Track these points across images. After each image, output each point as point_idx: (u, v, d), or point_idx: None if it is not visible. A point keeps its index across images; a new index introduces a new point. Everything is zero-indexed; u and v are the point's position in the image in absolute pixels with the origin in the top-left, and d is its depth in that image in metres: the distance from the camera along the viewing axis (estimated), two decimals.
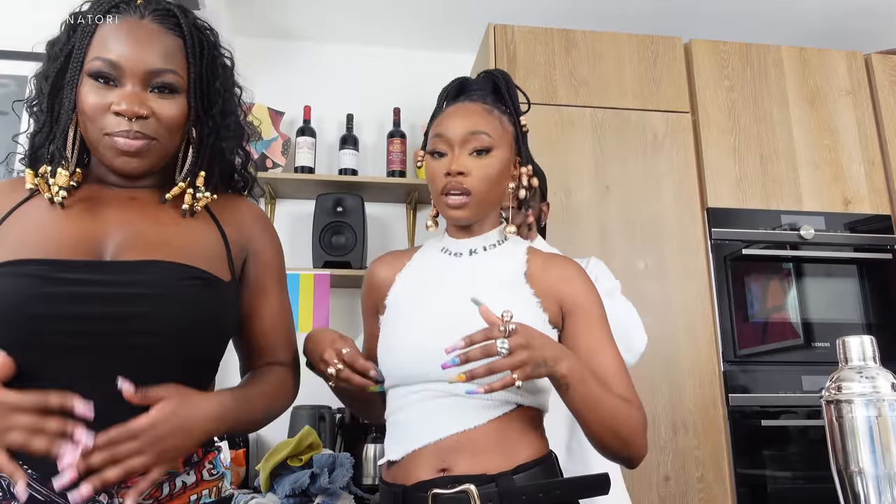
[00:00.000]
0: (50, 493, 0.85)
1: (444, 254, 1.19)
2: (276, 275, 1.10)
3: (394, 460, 1.08)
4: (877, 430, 0.79)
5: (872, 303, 2.27)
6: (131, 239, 0.94)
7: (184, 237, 0.98)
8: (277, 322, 1.08)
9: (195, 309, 0.92)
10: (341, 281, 2.44)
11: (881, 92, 2.46)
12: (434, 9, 2.65)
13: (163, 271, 0.91)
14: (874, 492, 0.78)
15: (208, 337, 0.96)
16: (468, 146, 1.12)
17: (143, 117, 0.92)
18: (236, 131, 1.06)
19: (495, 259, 1.16)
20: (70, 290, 0.87)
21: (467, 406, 1.03)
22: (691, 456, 2.07)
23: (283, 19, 2.71)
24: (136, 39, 0.94)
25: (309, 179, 2.52)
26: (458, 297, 1.09)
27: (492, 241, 1.17)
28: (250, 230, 1.07)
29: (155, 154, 0.96)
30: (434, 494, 0.99)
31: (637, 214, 2.24)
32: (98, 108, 0.92)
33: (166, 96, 0.95)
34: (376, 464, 2.13)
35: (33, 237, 0.91)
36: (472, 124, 1.12)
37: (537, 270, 1.14)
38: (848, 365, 0.84)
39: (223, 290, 0.97)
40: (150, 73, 0.94)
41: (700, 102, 2.36)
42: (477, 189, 1.11)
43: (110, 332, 0.87)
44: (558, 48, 2.34)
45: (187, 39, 0.98)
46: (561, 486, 1.03)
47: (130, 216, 0.97)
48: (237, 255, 1.04)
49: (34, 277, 0.87)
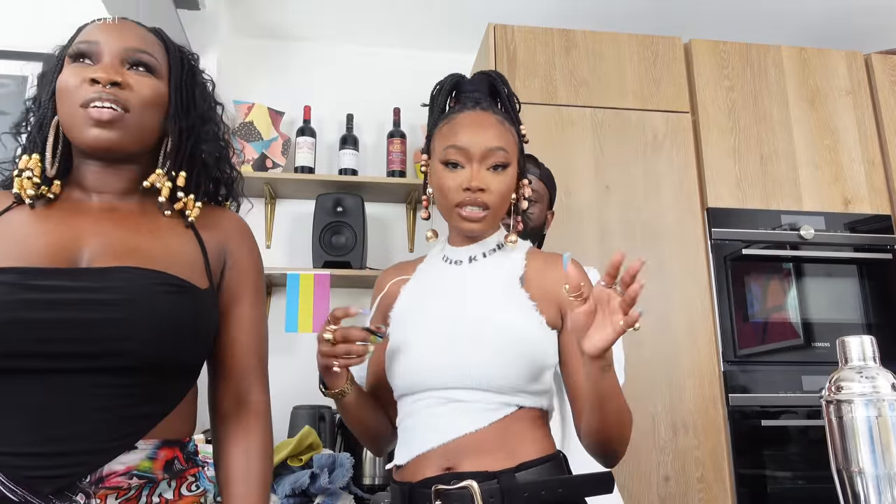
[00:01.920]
0: (25, 494, 0.84)
1: (444, 262, 1.20)
2: (251, 284, 1.08)
3: (401, 464, 1.11)
4: (877, 430, 0.79)
5: (872, 303, 2.27)
6: (106, 247, 0.94)
7: (160, 245, 0.97)
8: (247, 331, 1.05)
9: (168, 315, 0.91)
10: (341, 281, 2.44)
11: (881, 92, 2.46)
12: (434, 9, 2.65)
13: (135, 277, 0.91)
14: (874, 492, 0.78)
15: (183, 343, 0.94)
16: (487, 161, 1.12)
17: (118, 84, 0.94)
18: (216, 141, 1.08)
19: (493, 265, 1.17)
20: (42, 296, 0.87)
21: (468, 411, 1.06)
22: (691, 456, 2.07)
23: (283, 19, 2.71)
24: (117, 28, 0.99)
25: (309, 179, 2.52)
26: (455, 305, 1.12)
27: (491, 247, 1.18)
28: (228, 238, 1.07)
29: (127, 129, 0.95)
30: (438, 489, 1.02)
31: (637, 214, 2.24)
32: (74, 82, 0.94)
33: (143, 74, 0.98)
34: (376, 464, 2.14)
35: (11, 247, 0.92)
36: (491, 139, 1.12)
37: (535, 273, 1.15)
38: (848, 365, 0.84)
39: (199, 297, 0.96)
40: (128, 50, 0.97)
41: (700, 102, 2.36)
42: (494, 204, 1.12)
43: (82, 337, 0.87)
44: (558, 48, 2.34)
45: (168, 44, 1.03)
46: (564, 483, 1.04)
47: (108, 225, 0.97)
48: (215, 262, 1.03)
49: (7, 285, 0.87)
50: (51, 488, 0.84)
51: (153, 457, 0.91)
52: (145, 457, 0.91)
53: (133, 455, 0.89)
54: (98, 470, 0.87)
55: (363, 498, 1.99)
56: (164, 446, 0.93)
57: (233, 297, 1.05)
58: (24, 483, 0.84)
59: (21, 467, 0.84)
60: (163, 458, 0.93)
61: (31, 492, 0.84)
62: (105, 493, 0.87)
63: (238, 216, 1.13)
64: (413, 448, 1.08)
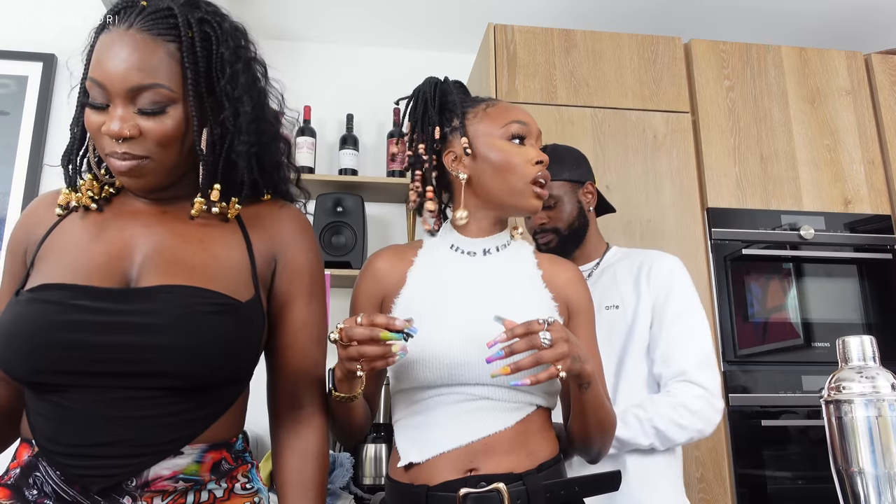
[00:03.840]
0: (77, 495, 0.87)
1: (455, 252, 1.17)
2: (306, 285, 1.04)
3: (416, 462, 1.06)
4: (877, 430, 0.79)
5: (872, 303, 2.27)
6: (154, 259, 0.94)
7: (206, 255, 0.96)
8: (300, 335, 1.03)
9: (213, 336, 0.90)
10: (341, 281, 2.44)
11: (881, 92, 2.45)
12: (434, 9, 2.65)
13: (180, 298, 0.90)
14: (874, 492, 0.78)
15: (226, 361, 0.92)
16: (539, 142, 1.19)
17: (131, 137, 0.90)
18: (257, 133, 0.99)
19: (508, 260, 1.17)
20: (90, 318, 0.87)
21: (495, 410, 1.05)
22: (691, 456, 2.06)
23: (282, 20, 2.71)
24: (119, 55, 0.90)
25: (309, 179, 2.51)
26: (481, 298, 1.10)
27: (503, 241, 1.18)
28: (279, 238, 1.03)
29: (153, 172, 0.94)
30: (465, 493, 0.99)
31: (637, 214, 2.24)
32: (94, 129, 0.93)
33: (155, 114, 0.91)
34: (376, 464, 2.13)
35: (65, 259, 0.93)
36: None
37: (549, 273, 1.17)
38: (848, 365, 0.84)
39: (242, 312, 0.94)
40: (133, 91, 0.90)
41: (700, 102, 2.36)
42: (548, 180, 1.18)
43: (126, 359, 0.87)
44: (558, 48, 2.34)
45: (183, 41, 0.92)
46: (578, 483, 1.06)
47: (158, 231, 0.97)
48: (263, 267, 1.01)
49: (57, 304, 0.88)
50: (98, 487, 0.86)
51: (200, 460, 0.92)
52: (192, 461, 0.91)
53: (180, 459, 0.90)
54: (144, 474, 0.88)
55: (363, 498, 1.99)
56: (211, 450, 0.93)
57: (284, 300, 1.03)
58: (75, 481, 0.86)
59: (70, 466, 0.86)
60: (209, 460, 0.93)
61: (82, 490, 0.86)
62: (151, 496, 0.88)
63: (296, 211, 1.09)
64: (430, 447, 1.05)
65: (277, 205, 1.07)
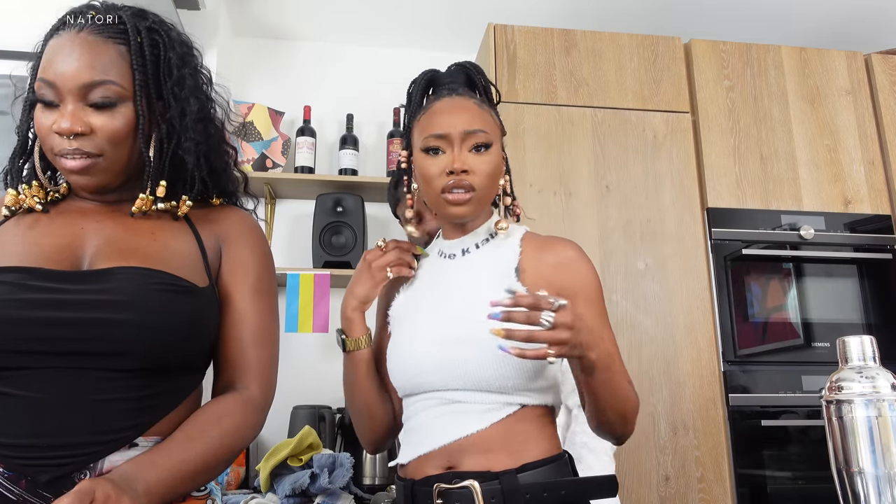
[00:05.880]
0: (23, 493, 0.85)
1: (439, 257, 1.19)
2: (250, 281, 1.04)
3: (403, 463, 1.11)
4: (877, 430, 0.79)
5: (872, 303, 2.27)
6: (107, 248, 0.95)
7: (159, 244, 0.98)
8: (240, 327, 1.01)
9: (169, 314, 0.91)
10: (341, 281, 2.44)
11: (881, 92, 2.45)
12: (434, 9, 2.65)
13: (136, 277, 0.91)
14: (874, 492, 0.78)
15: (183, 342, 0.93)
16: (468, 143, 1.09)
17: (82, 134, 0.92)
18: (204, 133, 1.02)
19: (487, 256, 1.14)
20: (45, 296, 0.88)
21: (468, 412, 1.05)
22: (691, 456, 2.06)
23: (282, 19, 2.71)
24: (70, 55, 0.93)
25: (309, 179, 2.52)
26: (447, 303, 1.11)
27: (482, 237, 1.16)
28: (226, 232, 1.05)
29: (104, 170, 0.96)
30: (439, 488, 1.01)
31: (637, 214, 2.24)
32: (44, 130, 0.94)
33: (106, 110, 0.93)
34: (376, 464, 2.14)
35: (15, 248, 0.93)
36: (469, 121, 1.10)
37: (531, 260, 1.12)
38: (848, 365, 0.84)
39: (198, 295, 0.96)
40: (85, 88, 0.92)
41: (700, 102, 2.36)
42: (480, 186, 1.09)
43: (83, 336, 0.87)
44: (558, 48, 2.34)
45: (132, 44, 0.95)
46: (567, 486, 1.03)
47: (109, 225, 0.98)
48: (213, 258, 1.03)
49: (10, 284, 0.88)
50: (46, 477, 0.85)
51: None
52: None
53: (133, 452, 0.89)
54: (97, 465, 0.87)
55: (363, 498, 1.99)
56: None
57: (227, 292, 1.03)
58: (20, 471, 0.84)
59: (16, 458, 0.85)
60: None
61: (28, 487, 0.84)
62: None
63: (243, 213, 1.11)
64: (415, 448, 1.08)
65: (227, 208, 1.10)
